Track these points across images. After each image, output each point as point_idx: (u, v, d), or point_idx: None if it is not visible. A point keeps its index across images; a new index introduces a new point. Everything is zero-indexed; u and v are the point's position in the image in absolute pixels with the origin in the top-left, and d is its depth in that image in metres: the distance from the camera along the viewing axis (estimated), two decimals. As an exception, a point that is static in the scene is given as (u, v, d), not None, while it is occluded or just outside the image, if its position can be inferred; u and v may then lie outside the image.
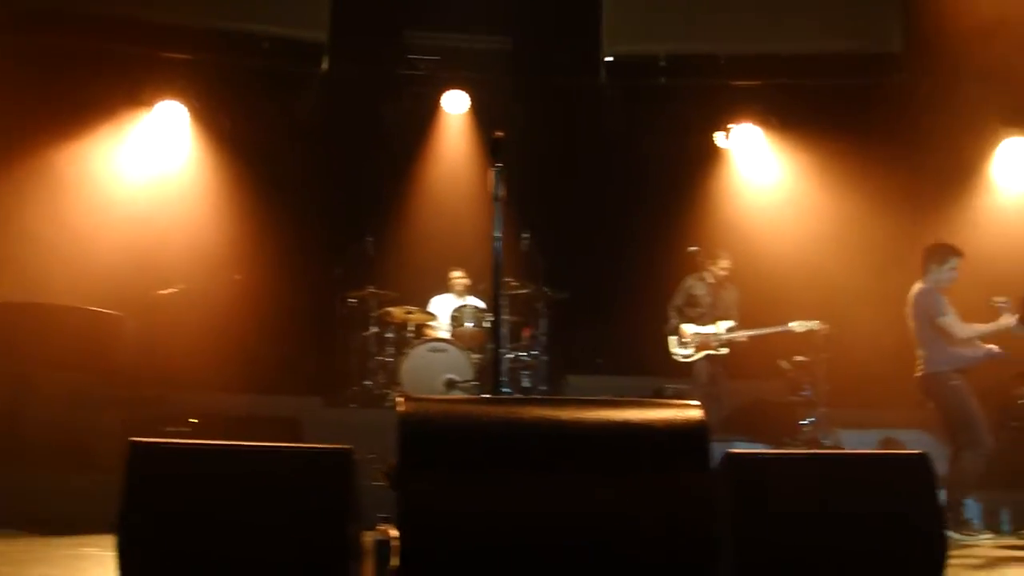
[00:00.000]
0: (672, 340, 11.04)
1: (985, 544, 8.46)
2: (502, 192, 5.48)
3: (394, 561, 4.08)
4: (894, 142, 11.94)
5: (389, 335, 11.40)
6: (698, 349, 10.93)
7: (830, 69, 11.90)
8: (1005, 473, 9.78)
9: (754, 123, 12.40)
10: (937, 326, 8.89)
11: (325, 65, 11.76)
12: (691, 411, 4.09)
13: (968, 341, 8.87)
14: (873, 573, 4.16)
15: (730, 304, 11.09)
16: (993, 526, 9.45)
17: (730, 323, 10.99)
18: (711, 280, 11.07)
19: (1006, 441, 9.52)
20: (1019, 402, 9.20)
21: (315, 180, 12.12)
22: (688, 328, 10.97)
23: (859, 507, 4.26)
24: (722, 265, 11.04)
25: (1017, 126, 12.15)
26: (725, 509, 4.15)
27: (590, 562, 3.80)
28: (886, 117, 12.01)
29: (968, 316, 9.04)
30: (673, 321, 11.05)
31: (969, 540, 8.51)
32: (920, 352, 9.07)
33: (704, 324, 10.96)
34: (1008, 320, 8.77)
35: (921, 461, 4.41)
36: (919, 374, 9.09)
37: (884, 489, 4.32)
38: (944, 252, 9.07)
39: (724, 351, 10.95)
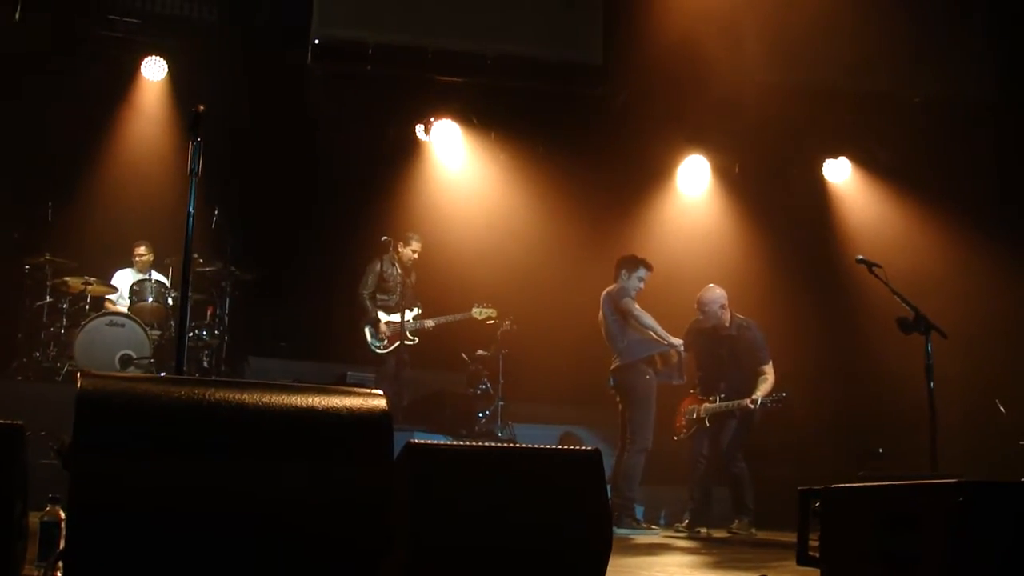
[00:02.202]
0: (368, 332, 11.03)
1: (648, 536, 8.93)
2: (199, 168, 5.35)
3: (61, 544, 3.93)
4: (590, 150, 12.41)
5: (64, 306, 10.87)
6: (391, 340, 10.96)
7: (533, 74, 12.19)
8: (665, 471, 10.37)
9: (454, 119, 12.57)
10: (622, 308, 9.41)
11: (17, 15, 11.08)
12: (375, 400, 4.12)
13: (646, 331, 9.43)
14: (544, 563, 4.32)
15: (417, 290, 11.23)
16: (653, 520, 10.03)
17: (416, 311, 11.12)
18: (399, 265, 11.16)
19: (667, 442, 10.07)
20: (691, 416, 9.73)
21: (-3, 137, 11.43)
22: (383, 317, 11.01)
23: (533, 499, 4.40)
24: (414, 247, 11.16)
25: (699, 144, 12.85)
26: (404, 498, 4.20)
27: (264, 550, 3.77)
28: (584, 125, 12.45)
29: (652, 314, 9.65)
30: (372, 313, 11.05)
31: (635, 534, 8.96)
32: (614, 346, 9.54)
33: (396, 312, 11.02)
34: (677, 341, 9.47)
35: (592, 457, 4.61)
36: (615, 365, 9.56)
37: (557, 481, 4.49)
38: (635, 262, 9.70)
39: (414, 340, 11.06)
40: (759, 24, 11.17)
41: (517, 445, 8.20)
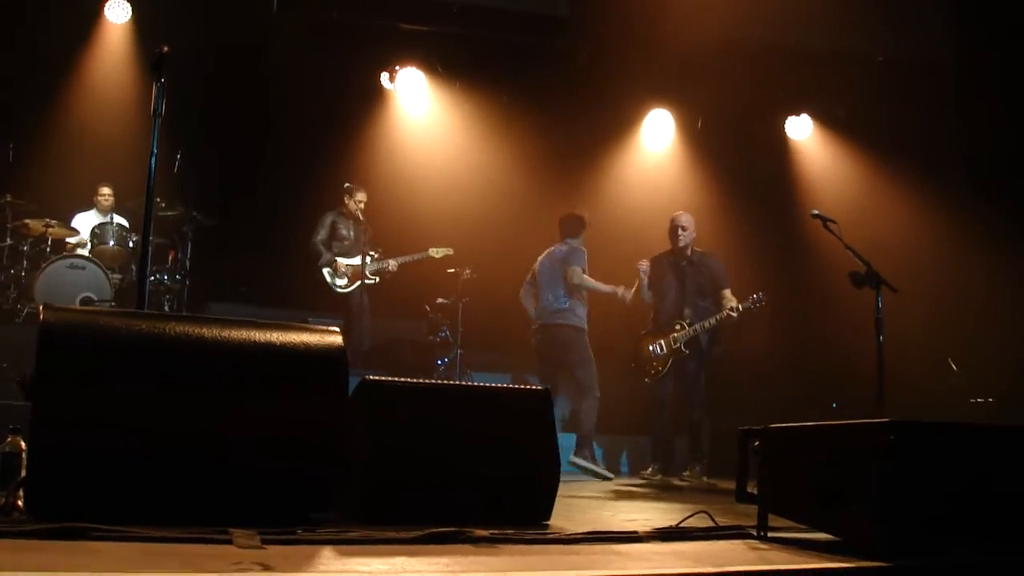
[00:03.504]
0: (327, 272, 11.15)
1: (602, 482, 9.09)
2: (162, 109, 5.39)
3: (22, 473, 4.01)
4: (555, 101, 12.42)
5: (24, 248, 10.85)
6: (351, 280, 11.08)
7: (498, 24, 12.18)
8: (625, 420, 10.52)
9: (419, 68, 12.56)
10: (574, 284, 9.57)
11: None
12: (331, 336, 4.23)
13: (580, 291, 9.65)
14: (496, 495, 4.45)
15: (369, 237, 11.29)
16: (614, 468, 10.18)
17: (374, 254, 11.21)
18: (348, 217, 11.27)
19: (626, 392, 10.20)
20: (652, 363, 9.80)
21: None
22: (342, 260, 11.13)
23: (485, 434, 4.54)
24: (358, 199, 11.24)
25: (662, 98, 12.92)
26: (359, 432, 4.31)
27: (222, 480, 3.86)
28: (549, 77, 12.45)
29: (611, 267, 9.81)
30: (326, 255, 11.18)
31: (594, 475, 9.13)
32: (555, 304, 9.71)
33: (351, 257, 11.14)
34: (622, 292, 9.62)
35: (542, 395, 4.75)
36: (555, 322, 9.70)
37: (509, 419, 4.63)
38: (583, 223, 10.00)
39: (374, 280, 11.16)
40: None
41: (471, 384, 8.32)
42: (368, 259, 11.09)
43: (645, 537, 4.14)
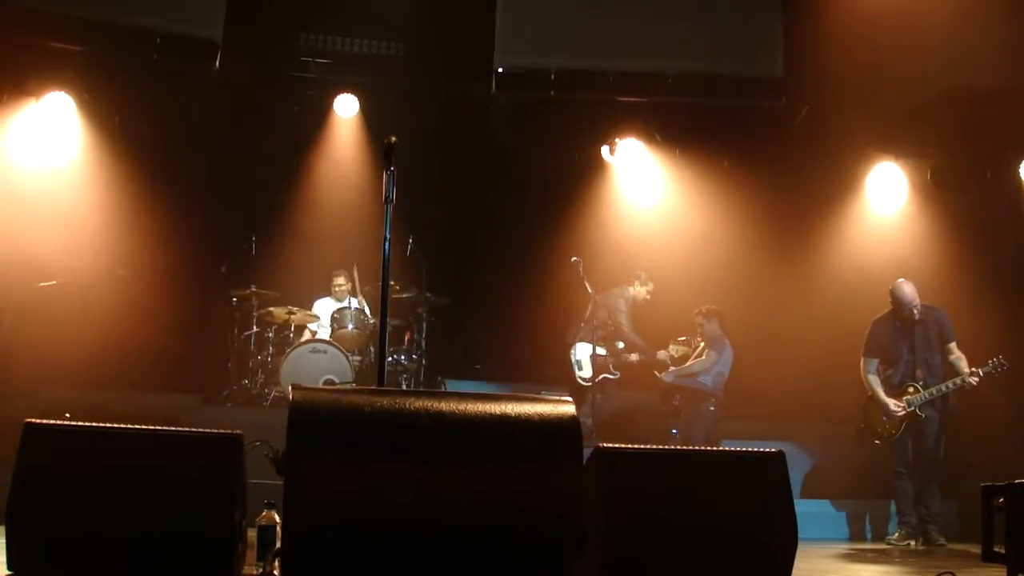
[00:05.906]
0: (576, 362, 11.12)
1: (848, 545, 8.86)
2: (393, 196, 5.62)
3: (277, 544, 4.22)
4: (774, 163, 12.29)
5: (270, 335, 11.39)
6: (596, 372, 10.98)
7: (713, 90, 12.19)
8: (868, 484, 10.22)
9: (638, 139, 12.60)
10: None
11: (217, 63, 11.68)
12: (564, 406, 4.30)
13: None
14: (732, 557, 4.41)
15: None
16: (858, 533, 9.90)
17: (620, 344, 11.17)
18: (632, 302, 11.30)
19: (869, 455, 9.95)
20: (885, 425, 9.55)
21: (203, 177, 12.07)
22: (585, 348, 11.06)
23: (720, 497, 4.51)
24: (649, 289, 11.29)
25: (888, 151, 12.61)
26: (595, 499, 4.35)
27: (465, 549, 3.97)
28: (766, 139, 12.35)
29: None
30: (578, 344, 11.15)
31: None
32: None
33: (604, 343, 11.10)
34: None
35: (777, 459, 4.69)
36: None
37: (743, 481, 4.59)
38: None
39: (616, 375, 11.14)
40: (940, 27, 10.96)
41: (703, 448, 8.25)
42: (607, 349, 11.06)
43: (890, 599, 4.05)
